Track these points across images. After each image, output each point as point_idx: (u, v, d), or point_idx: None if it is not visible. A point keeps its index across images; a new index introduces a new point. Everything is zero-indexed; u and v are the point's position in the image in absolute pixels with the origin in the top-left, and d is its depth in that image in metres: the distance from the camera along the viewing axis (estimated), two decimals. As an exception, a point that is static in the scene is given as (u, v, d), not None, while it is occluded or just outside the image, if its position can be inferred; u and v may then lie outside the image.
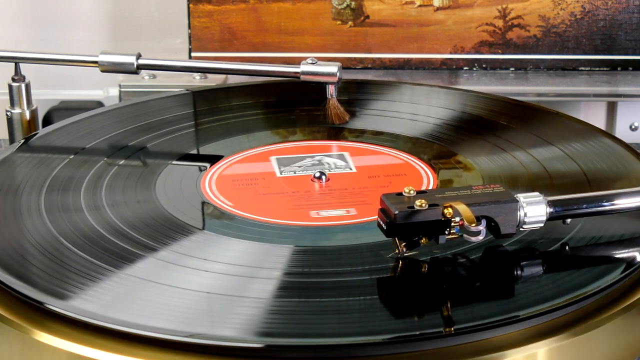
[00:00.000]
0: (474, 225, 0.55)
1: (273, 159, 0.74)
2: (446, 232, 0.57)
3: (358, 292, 0.55)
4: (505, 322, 0.52)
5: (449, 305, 0.54)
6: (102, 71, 0.84)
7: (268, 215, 0.65)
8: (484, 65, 1.04)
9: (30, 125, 0.85)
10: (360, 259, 0.59)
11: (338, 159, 0.75)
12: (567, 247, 0.60)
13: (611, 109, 1.09)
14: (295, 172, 0.72)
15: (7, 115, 0.85)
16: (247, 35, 1.05)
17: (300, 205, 0.67)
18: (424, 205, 0.56)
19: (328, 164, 0.74)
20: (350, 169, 0.73)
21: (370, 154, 0.76)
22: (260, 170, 0.73)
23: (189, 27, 1.05)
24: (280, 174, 0.72)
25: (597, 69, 1.04)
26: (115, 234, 0.62)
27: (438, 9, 1.04)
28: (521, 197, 0.59)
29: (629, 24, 1.03)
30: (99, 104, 1.09)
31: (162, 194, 0.68)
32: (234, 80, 1.00)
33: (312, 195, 0.69)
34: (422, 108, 0.86)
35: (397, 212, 0.56)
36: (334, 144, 0.79)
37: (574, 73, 1.04)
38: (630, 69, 1.03)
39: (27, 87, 0.85)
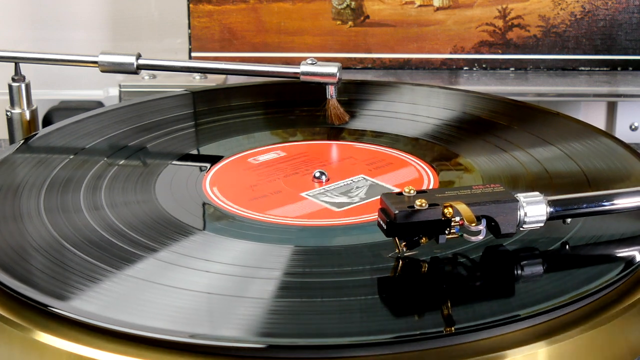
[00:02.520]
0: (474, 224, 0.55)
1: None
2: (446, 232, 0.57)
3: (358, 292, 0.55)
4: (505, 322, 0.52)
5: (449, 304, 0.54)
6: (102, 71, 0.84)
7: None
8: (484, 65, 1.04)
9: (30, 125, 0.85)
10: (360, 259, 0.59)
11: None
12: (567, 247, 0.60)
13: (611, 109, 1.09)
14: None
15: (7, 115, 0.85)
16: (247, 35, 1.05)
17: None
18: (424, 204, 0.56)
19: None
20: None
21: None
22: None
23: (189, 27, 1.05)
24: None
25: (597, 69, 1.04)
26: (115, 234, 0.62)
27: (438, 9, 1.04)
28: (521, 196, 0.59)
29: (629, 24, 1.03)
30: (99, 104, 1.10)
31: (162, 195, 0.68)
32: (233, 80, 1.00)
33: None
34: (422, 108, 0.86)
35: (397, 211, 0.56)
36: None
37: (574, 73, 1.04)
38: (630, 69, 1.03)
39: (27, 87, 0.85)
